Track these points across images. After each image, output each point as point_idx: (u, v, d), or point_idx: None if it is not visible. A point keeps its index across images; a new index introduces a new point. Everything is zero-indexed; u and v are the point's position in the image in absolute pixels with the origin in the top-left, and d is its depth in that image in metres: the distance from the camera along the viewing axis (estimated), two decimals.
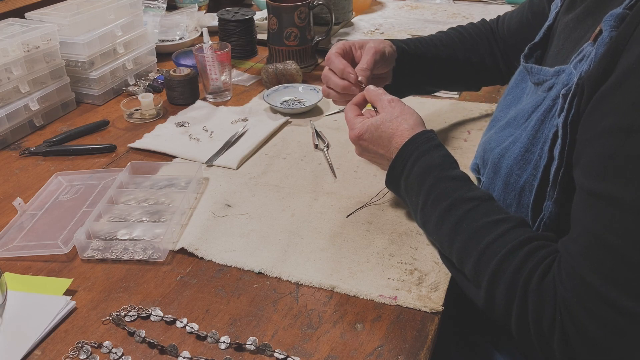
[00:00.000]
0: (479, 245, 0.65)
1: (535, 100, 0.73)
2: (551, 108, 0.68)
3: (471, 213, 0.68)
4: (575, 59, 0.66)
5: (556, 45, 0.77)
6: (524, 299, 0.60)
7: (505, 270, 0.62)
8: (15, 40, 1.10)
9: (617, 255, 0.53)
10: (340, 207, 0.91)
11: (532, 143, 0.70)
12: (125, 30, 1.32)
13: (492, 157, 0.76)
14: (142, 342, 0.68)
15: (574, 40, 0.73)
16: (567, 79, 0.66)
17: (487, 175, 0.78)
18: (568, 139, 0.63)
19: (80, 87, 1.27)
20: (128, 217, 0.89)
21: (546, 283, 0.59)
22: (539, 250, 0.62)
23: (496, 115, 0.85)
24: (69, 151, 1.09)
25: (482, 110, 1.20)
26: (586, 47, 0.65)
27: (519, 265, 0.61)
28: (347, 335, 0.68)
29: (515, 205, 0.73)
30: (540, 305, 0.58)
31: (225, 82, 1.28)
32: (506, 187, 0.73)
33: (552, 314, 0.58)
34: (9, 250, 0.83)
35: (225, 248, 0.82)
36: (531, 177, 0.70)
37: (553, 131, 0.66)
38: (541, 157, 0.68)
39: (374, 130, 0.80)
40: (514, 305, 0.61)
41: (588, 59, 0.62)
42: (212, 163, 1.03)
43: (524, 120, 0.73)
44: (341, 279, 0.76)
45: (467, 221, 0.68)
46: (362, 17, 1.68)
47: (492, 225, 0.65)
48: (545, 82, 0.72)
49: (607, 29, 0.60)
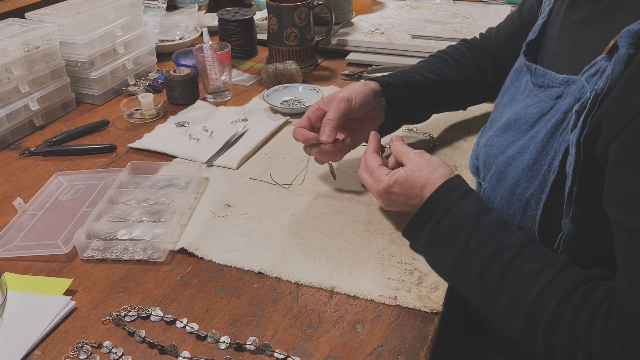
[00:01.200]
0: (528, 296, 0.62)
1: (540, 107, 0.71)
2: (562, 121, 0.66)
3: (515, 261, 0.65)
4: (587, 71, 0.64)
5: (557, 45, 0.76)
6: (588, 351, 0.58)
7: (560, 321, 0.60)
8: (15, 40, 1.10)
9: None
10: (340, 207, 0.91)
11: (541, 156, 0.68)
12: (125, 30, 1.32)
13: (496, 164, 0.75)
14: (142, 342, 0.68)
15: (581, 46, 0.70)
16: (579, 92, 0.65)
17: (490, 181, 0.76)
18: (582, 157, 0.62)
19: (80, 87, 1.27)
20: (128, 217, 0.89)
21: (610, 331, 0.57)
22: (592, 294, 0.60)
23: (493, 115, 0.85)
24: (69, 151, 1.09)
25: (482, 110, 1.20)
26: (600, 61, 0.63)
27: (574, 315, 0.59)
28: (347, 335, 0.68)
29: (519, 216, 0.71)
30: (608, 356, 0.56)
31: (225, 82, 1.28)
32: (511, 197, 0.72)
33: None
34: (9, 250, 0.83)
35: (225, 248, 0.82)
36: (538, 190, 0.68)
37: (565, 146, 0.64)
38: (550, 171, 0.66)
39: (404, 181, 0.77)
40: (578, 358, 0.58)
41: (604, 76, 0.60)
42: (212, 163, 1.03)
43: (528, 126, 0.71)
44: (341, 279, 0.76)
45: (511, 271, 0.65)
46: (362, 17, 1.68)
47: (539, 273, 0.63)
48: (551, 88, 0.70)
49: (624, 45, 0.58)
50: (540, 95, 0.72)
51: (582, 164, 0.62)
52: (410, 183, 0.76)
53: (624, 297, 0.57)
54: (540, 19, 0.81)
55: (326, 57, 1.51)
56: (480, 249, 0.68)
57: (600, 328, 0.57)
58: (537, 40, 0.80)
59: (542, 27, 0.80)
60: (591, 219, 0.64)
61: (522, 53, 0.80)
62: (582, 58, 0.68)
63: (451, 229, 0.71)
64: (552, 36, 0.78)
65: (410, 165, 0.77)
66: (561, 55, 0.74)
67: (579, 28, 0.72)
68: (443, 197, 0.73)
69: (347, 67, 1.46)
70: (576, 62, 0.69)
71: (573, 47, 0.72)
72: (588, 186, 0.63)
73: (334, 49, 1.51)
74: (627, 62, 0.58)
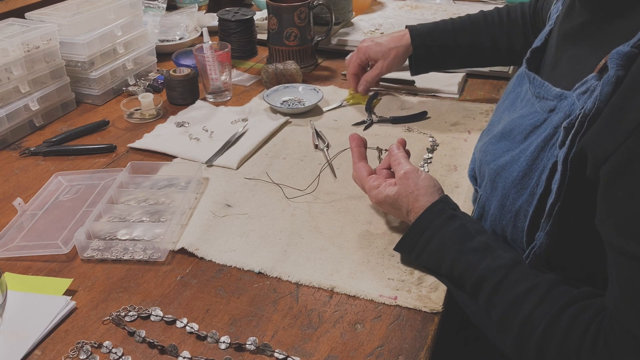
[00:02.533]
0: (516, 319, 0.63)
1: (534, 118, 0.70)
2: (552, 136, 0.66)
3: (502, 285, 0.66)
4: (578, 88, 0.64)
5: (554, 55, 0.75)
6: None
7: (550, 344, 0.60)
8: (15, 40, 1.10)
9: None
10: (340, 207, 0.91)
11: (531, 169, 0.68)
12: (125, 30, 1.32)
13: (488, 172, 0.75)
14: (142, 342, 0.68)
15: (573, 59, 0.71)
16: (569, 109, 0.65)
17: (485, 190, 0.76)
18: (568, 175, 0.61)
19: (80, 87, 1.27)
20: (128, 217, 0.89)
21: (599, 352, 0.57)
22: (580, 315, 0.60)
23: (493, 119, 0.85)
24: (69, 151, 1.09)
25: (482, 110, 1.20)
26: (590, 80, 0.63)
27: (564, 337, 0.59)
28: (347, 335, 0.68)
29: (511, 227, 0.71)
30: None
31: (225, 82, 1.28)
32: (502, 207, 0.72)
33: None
34: (9, 250, 0.83)
35: (225, 248, 0.82)
36: (526, 203, 0.68)
37: (552, 161, 0.64)
38: (538, 185, 0.67)
39: (392, 203, 0.80)
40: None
41: (593, 96, 0.60)
42: (212, 163, 1.03)
43: (521, 137, 0.71)
44: (341, 279, 0.76)
45: (499, 294, 0.65)
46: (362, 17, 1.68)
47: (526, 295, 0.63)
48: (546, 100, 0.70)
49: (613, 67, 0.58)
50: (536, 106, 0.72)
51: (568, 182, 0.62)
52: (398, 206, 0.79)
53: (615, 316, 0.57)
54: (548, 27, 0.81)
55: (326, 57, 1.51)
56: (466, 276, 0.69)
57: (589, 349, 0.57)
58: (541, 48, 0.80)
59: (548, 35, 0.80)
60: (569, 235, 0.64)
61: (525, 60, 0.80)
62: (575, 72, 0.68)
63: (436, 256, 0.73)
64: (552, 45, 0.78)
65: (399, 188, 0.79)
66: (557, 67, 0.74)
67: (573, 40, 0.72)
68: (427, 224, 0.75)
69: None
70: (569, 76, 0.69)
71: (567, 60, 0.72)
72: (572, 204, 0.62)
73: (334, 49, 1.51)
74: (615, 84, 0.58)
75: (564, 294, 0.62)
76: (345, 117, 1.20)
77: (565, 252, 0.65)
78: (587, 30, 0.69)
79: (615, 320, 0.57)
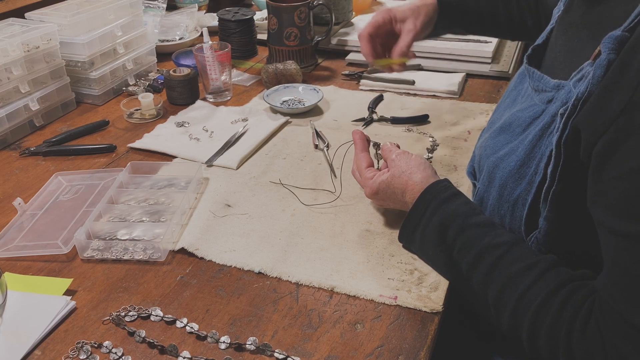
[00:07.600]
0: (513, 295, 0.63)
1: (533, 111, 0.71)
2: (549, 125, 0.67)
3: (502, 260, 0.66)
4: (575, 76, 0.65)
5: (554, 50, 0.76)
6: (569, 350, 0.58)
7: (543, 319, 0.61)
8: (15, 40, 1.10)
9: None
10: (341, 207, 0.91)
11: (529, 158, 0.69)
12: (125, 30, 1.32)
13: (487, 165, 0.76)
14: (142, 342, 0.68)
15: (571, 50, 0.72)
16: (566, 97, 0.66)
17: (482, 182, 0.77)
18: (562, 159, 0.62)
19: (80, 87, 1.27)
20: (128, 217, 0.89)
21: (590, 330, 0.57)
22: (575, 294, 0.60)
23: (493, 117, 0.85)
24: (69, 151, 1.09)
25: (482, 110, 1.20)
26: (586, 67, 0.64)
27: (557, 313, 0.60)
28: (347, 335, 0.68)
29: (509, 216, 0.72)
30: (589, 356, 0.57)
31: (225, 82, 1.28)
32: (500, 197, 0.73)
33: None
34: (9, 250, 0.83)
35: (225, 248, 0.82)
36: (525, 192, 0.69)
37: (550, 149, 0.65)
38: (536, 173, 0.67)
39: (386, 188, 0.80)
40: (559, 356, 0.59)
41: (586, 80, 0.61)
42: (212, 163, 1.03)
43: (520, 130, 0.72)
44: (341, 279, 0.76)
45: (497, 270, 0.66)
46: (362, 17, 1.68)
47: (524, 272, 0.64)
48: (545, 92, 0.71)
49: (605, 50, 0.59)
50: (535, 99, 0.73)
51: (563, 166, 0.62)
52: (392, 189, 0.80)
53: (604, 298, 0.57)
54: (550, 25, 0.81)
55: (326, 57, 1.51)
56: (467, 249, 0.69)
57: (581, 327, 0.58)
58: (543, 45, 0.81)
59: (549, 33, 0.81)
60: (568, 220, 0.64)
61: (526, 57, 0.80)
62: (573, 63, 0.69)
63: (439, 230, 0.73)
64: (552, 43, 0.78)
65: (392, 170, 0.80)
66: (556, 60, 0.75)
67: (572, 33, 0.73)
68: (431, 198, 0.75)
69: (347, 67, 1.45)
70: (568, 67, 0.70)
71: (566, 52, 0.73)
72: (569, 188, 0.63)
73: (334, 49, 1.51)
74: (606, 67, 0.58)
75: (561, 274, 0.63)
76: (345, 117, 1.20)
77: (564, 237, 0.66)
78: (585, 21, 0.70)
79: (605, 302, 0.57)
